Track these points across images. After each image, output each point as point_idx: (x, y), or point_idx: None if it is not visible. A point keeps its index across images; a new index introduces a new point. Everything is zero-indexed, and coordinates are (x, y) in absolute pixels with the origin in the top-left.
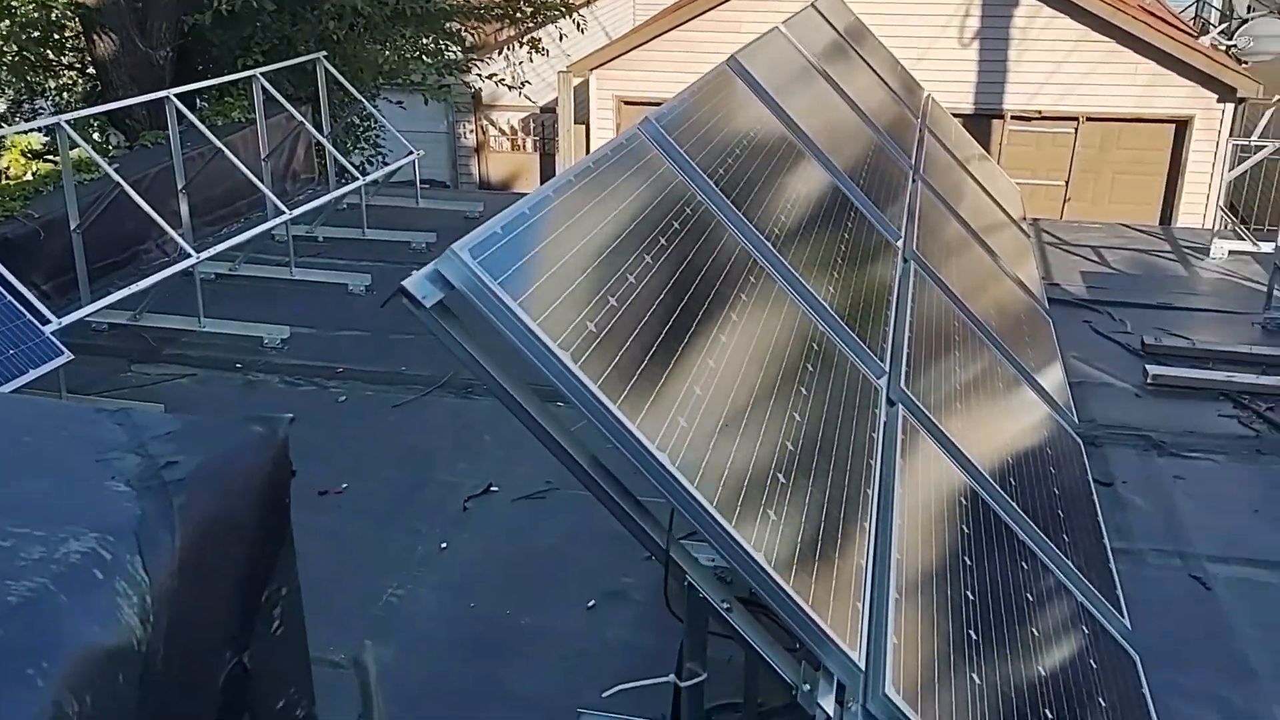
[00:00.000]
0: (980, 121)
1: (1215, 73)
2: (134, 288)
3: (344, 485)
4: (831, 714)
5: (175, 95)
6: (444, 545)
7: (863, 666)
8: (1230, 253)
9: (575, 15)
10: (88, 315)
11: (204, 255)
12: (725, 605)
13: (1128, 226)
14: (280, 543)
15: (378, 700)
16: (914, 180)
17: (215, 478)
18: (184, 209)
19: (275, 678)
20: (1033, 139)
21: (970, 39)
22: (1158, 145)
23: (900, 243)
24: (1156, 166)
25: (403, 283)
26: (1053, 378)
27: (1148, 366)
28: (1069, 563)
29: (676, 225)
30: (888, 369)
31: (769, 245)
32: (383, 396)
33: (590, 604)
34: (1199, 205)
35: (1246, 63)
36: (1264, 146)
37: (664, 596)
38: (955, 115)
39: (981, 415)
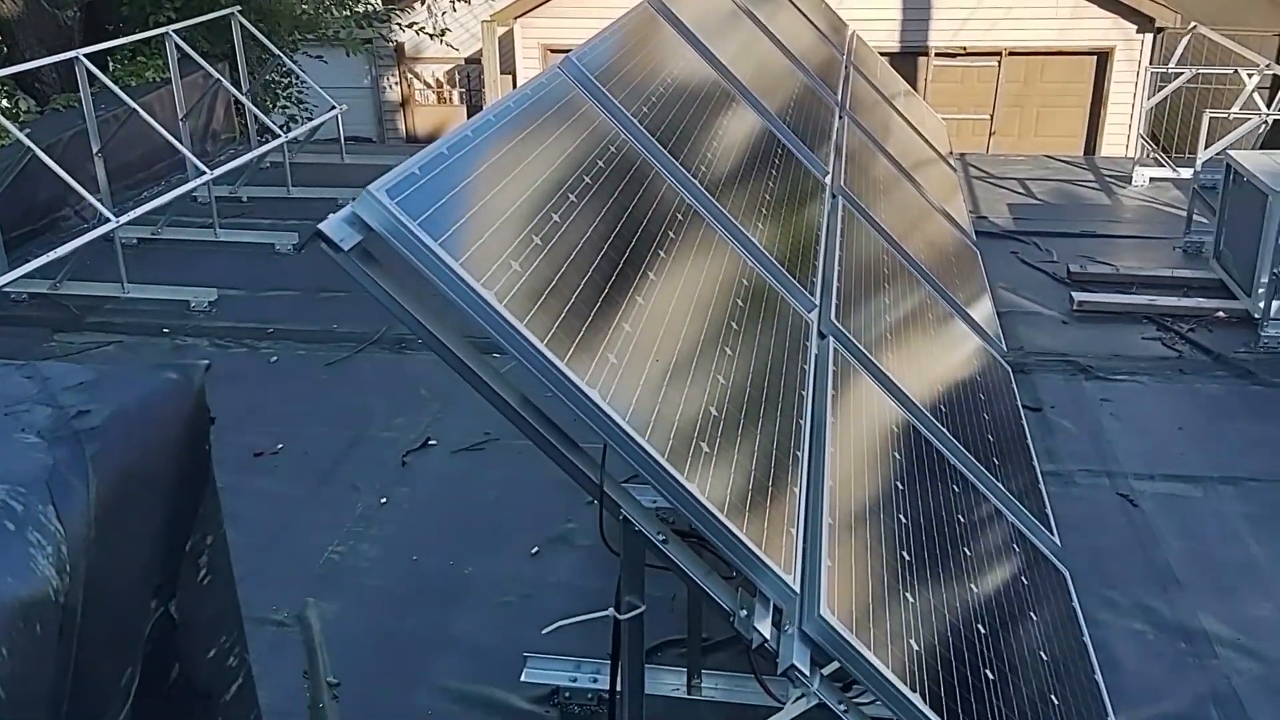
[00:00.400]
0: (906, 59)
1: (1134, 3)
2: (52, 255)
3: (279, 445)
4: (768, 637)
5: (85, 56)
6: (384, 500)
7: (798, 590)
8: (1151, 180)
9: None
10: (5, 285)
11: (124, 219)
12: (661, 537)
13: (1052, 158)
14: (202, 491)
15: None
16: (841, 117)
17: (130, 426)
18: (101, 173)
19: (205, 627)
20: (958, 74)
21: None
22: (1080, 77)
23: (828, 179)
24: (1079, 98)
25: (319, 225)
26: (981, 307)
27: (1073, 293)
28: (1000, 485)
29: (601, 164)
30: (818, 302)
31: (694, 181)
32: (315, 355)
33: (534, 550)
34: (1121, 135)
35: None
36: (1181, 74)
37: (599, 533)
38: (881, 54)
39: (912, 344)
